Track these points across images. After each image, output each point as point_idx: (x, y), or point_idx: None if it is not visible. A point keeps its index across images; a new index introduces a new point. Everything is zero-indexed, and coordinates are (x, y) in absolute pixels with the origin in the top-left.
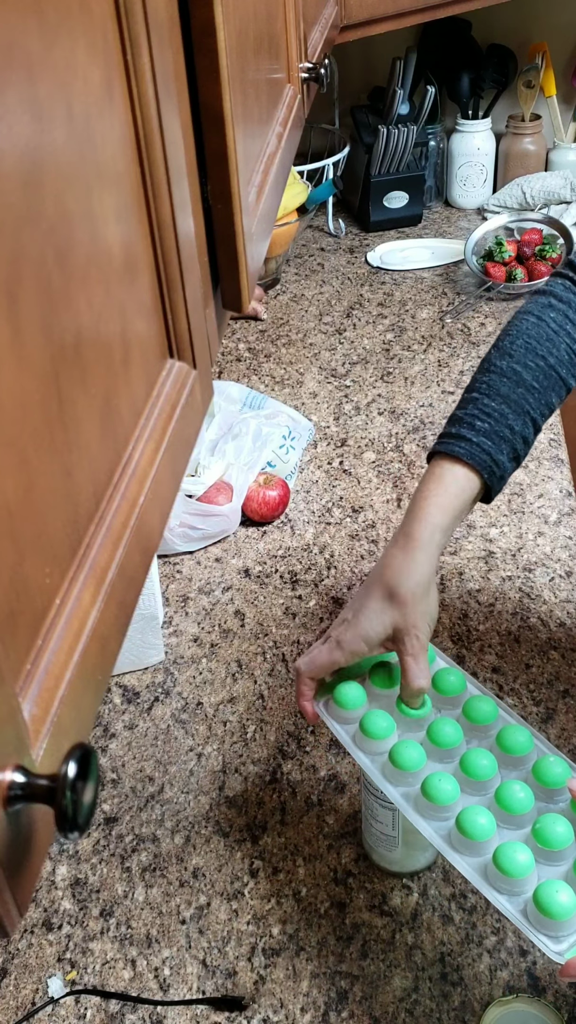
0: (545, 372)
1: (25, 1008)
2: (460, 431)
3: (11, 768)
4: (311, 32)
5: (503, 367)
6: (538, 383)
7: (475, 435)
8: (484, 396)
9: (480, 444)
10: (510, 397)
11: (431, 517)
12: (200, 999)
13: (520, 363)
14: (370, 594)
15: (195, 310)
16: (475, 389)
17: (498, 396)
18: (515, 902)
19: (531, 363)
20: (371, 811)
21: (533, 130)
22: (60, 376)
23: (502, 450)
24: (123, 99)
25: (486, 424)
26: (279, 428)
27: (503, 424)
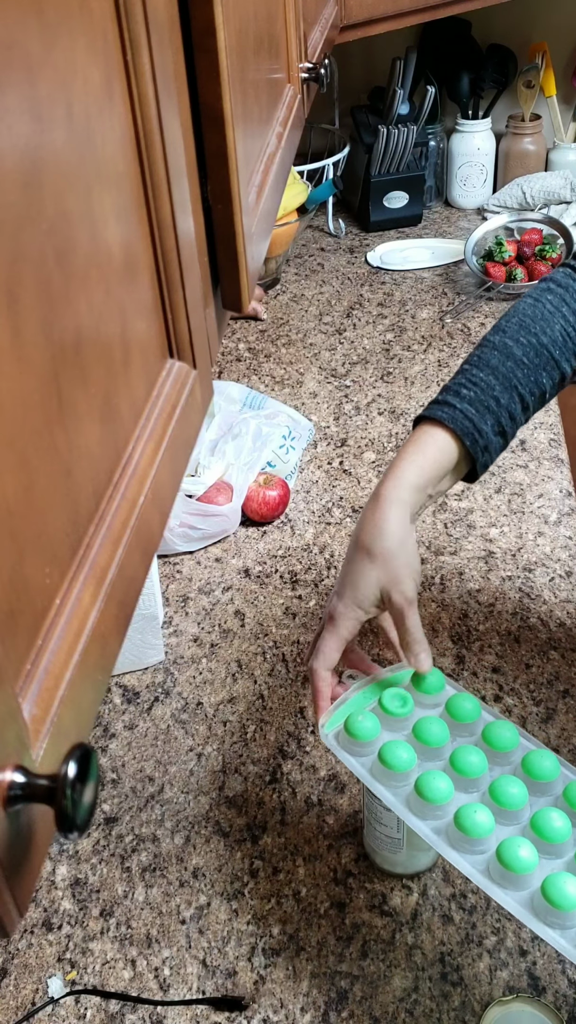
0: (536, 349)
1: (25, 1008)
2: (446, 398)
3: (11, 768)
4: (311, 32)
5: (495, 341)
6: (528, 359)
7: (459, 402)
8: (473, 367)
9: (463, 411)
10: (498, 369)
11: (402, 474)
12: (200, 999)
13: (512, 338)
14: (350, 559)
15: (195, 310)
16: (467, 361)
17: (486, 367)
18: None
19: (523, 339)
20: (374, 815)
21: (533, 130)
22: (60, 376)
23: (485, 420)
24: (123, 99)
25: (471, 392)
26: (279, 428)
27: (488, 394)
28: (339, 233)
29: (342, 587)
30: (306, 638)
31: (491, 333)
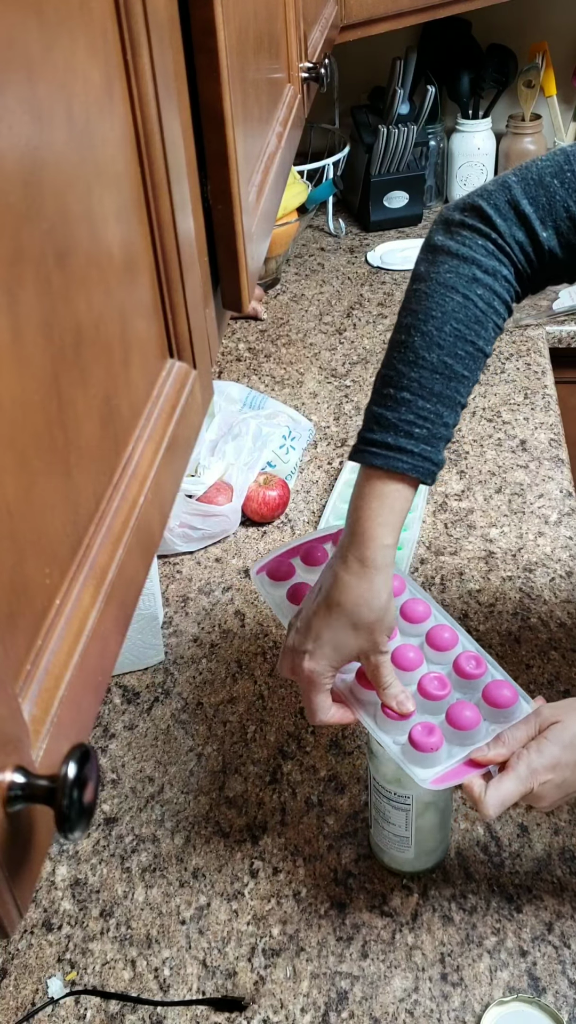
0: (473, 357)
1: (25, 1008)
2: (399, 442)
3: (11, 768)
4: (311, 32)
5: (433, 360)
6: (468, 370)
7: (415, 444)
8: (418, 397)
9: (422, 453)
10: (444, 394)
11: (382, 539)
12: (200, 999)
13: (451, 354)
14: (332, 623)
15: (195, 310)
16: (404, 386)
17: (432, 396)
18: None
19: (461, 351)
20: (382, 814)
21: (533, 130)
22: (60, 376)
23: (439, 449)
24: (123, 99)
25: (424, 430)
26: (279, 428)
27: (439, 424)
28: (339, 233)
29: (316, 647)
30: None
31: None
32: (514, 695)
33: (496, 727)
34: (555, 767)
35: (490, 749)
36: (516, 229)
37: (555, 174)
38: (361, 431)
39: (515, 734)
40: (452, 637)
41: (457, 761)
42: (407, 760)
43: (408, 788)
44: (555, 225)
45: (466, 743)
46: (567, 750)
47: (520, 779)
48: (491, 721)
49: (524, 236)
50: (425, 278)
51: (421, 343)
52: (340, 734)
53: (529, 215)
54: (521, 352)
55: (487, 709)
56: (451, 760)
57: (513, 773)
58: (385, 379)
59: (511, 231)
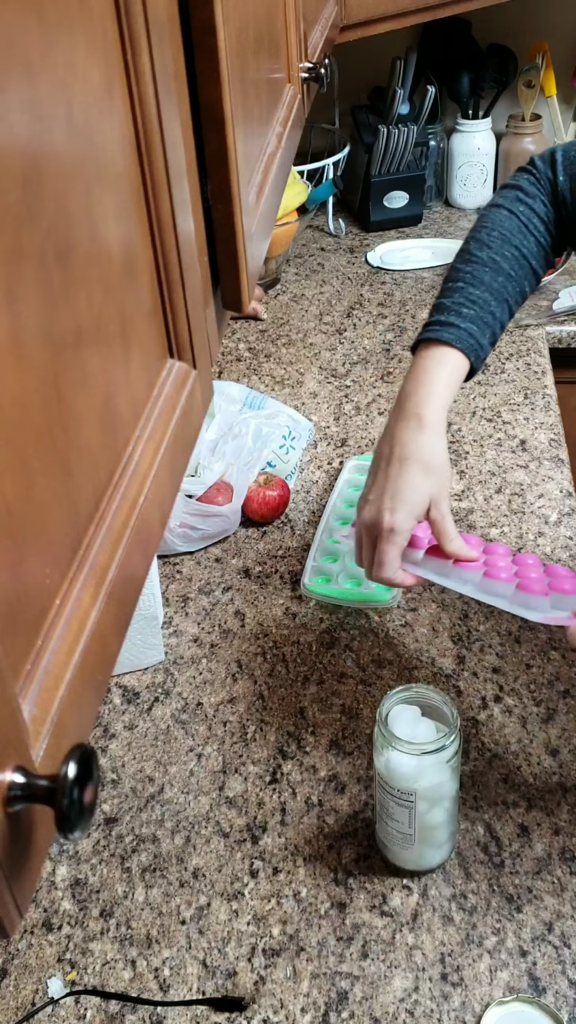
0: (519, 261)
1: (25, 1008)
2: (449, 319)
3: (11, 768)
4: (311, 32)
5: (483, 257)
6: (514, 272)
7: (463, 321)
8: (468, 285)
9: (468, 330)
10: (492, 285)
11: (439, 398)
12: (200, 1000)
13: (498, 253)
14: (405, 474)
15: (195, 310)
16: (458, 279)
17: (481, 284)
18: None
19: (508, 253)
20: (386, 810)
21: (533, 130)
22: (60, 376)
23: (485, 334)
24: (123, 99)
25: (472, 311)
26: (279, 428)
27: (487, 311)
28: (339, 233)
29: (394, 501)
30: (306, 638)
31: (476, 248)
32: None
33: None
34: None
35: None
36: (548, 170)
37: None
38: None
39: None
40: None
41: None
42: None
43: (412, 784)
44: (570, 173)
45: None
46: None
47: None
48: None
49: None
50: (484, 207)
51: (474, 245)
52: (340, 734)
53: (559, 161)
54: (521, 352)
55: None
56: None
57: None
58: (446, 278)
59: (546, 170)
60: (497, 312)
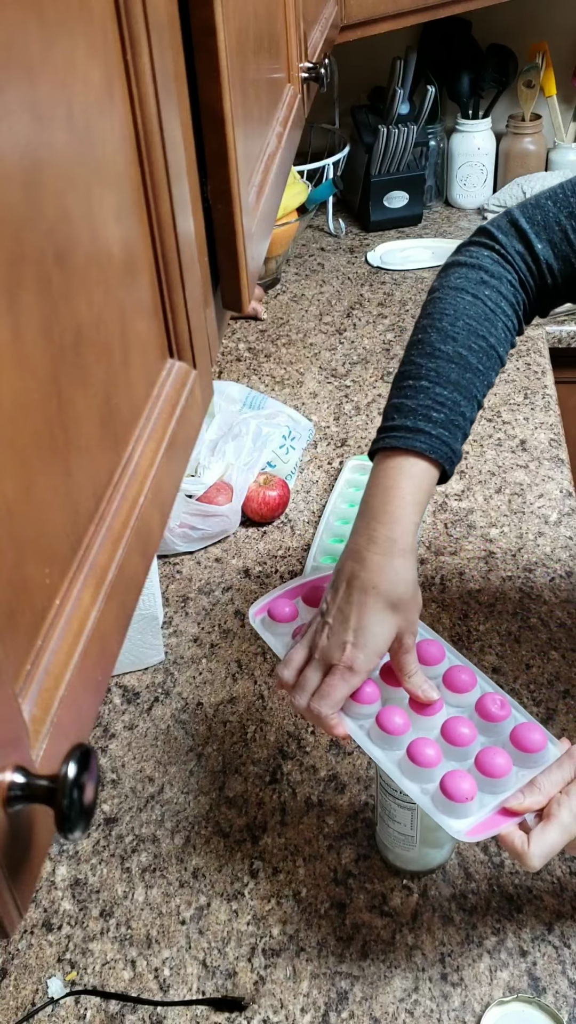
0: (487, 352)
1: (25, 1008)
2: (418, 424)
3: (11, 768)
4: (311, 32)
5: (449, 352)
6: (482, 365)
7: (433, 427)
8: (435, 384)
9: (440, 436)
10: (460, 383)
11: (409, 517)
12: (200, 1000)
13: (464, 346)
14: (369, 607)
15: (195, 310)
16: (423, 376)
17: (449, 384)
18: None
19: (475, 345)
20: (388, 812)
21: (533, 130)
22: (60, 376)
23: (457, 438)
24: (123, 99)
25: (442, 415)
26: (279, 428)
27: (457, 412)
28: (339, 233)
29: (358, 636)
30: None
31: (440, 341)
32: (543, 738)
33: (526, 772)
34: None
35: (526, 796)
36: (515, 242)
37: (549, 196)
38: (380, 426)
39: (551, 779)
40: (470, 679)
41: (491, 810)
42: (439, 810)
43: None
44: (549, 239)
45: (498, 790)
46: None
47: (564, 827)
48: (520, 766)
49: (523, 248)
50: (438, 288)
51: (436, 337)
52: None
53: (526, 230)
54: (521, 352)
55: (515, 753)
56: (484, 809)
57: (556, 821)
58: (403, 374)
59: (511, 243)
60: (467, 412)
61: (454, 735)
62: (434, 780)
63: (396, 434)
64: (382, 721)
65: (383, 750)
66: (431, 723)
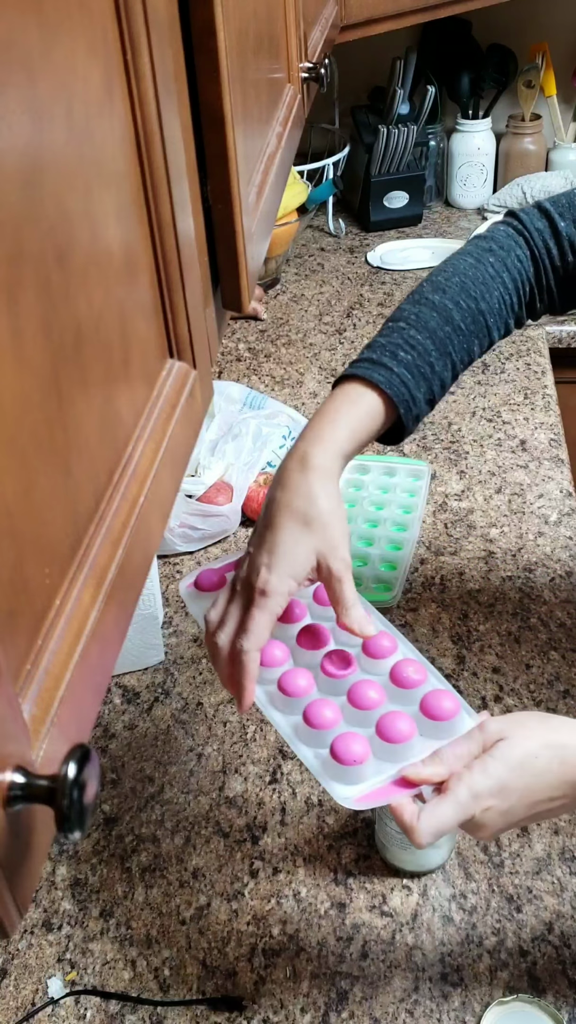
0: (474, 316)
1: (25, 1008)
2: (381, 358)
3: (11, 768)
4: (311, 32)
5: (435, 301)
6: (465, 325)
7: (396, 365)
8: (411, 327)
9: (400, 376)
10: (436, 333)
11: (337, 440)
12: (200, 999)
13: (452, 300)
14: (279, 527)
15: (195, 310)
16: (402, 319)
17: (424, 329)
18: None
19: (463, 303)
20: (387, 812)
21: (533, 130)
22: (60, 376)
23: (420, 387)
24: (123, 99)
25: (408, 356)
26: (279, 428)
27: (425, 360)
28: (339, 233)
29: (271, 557)
30: None
31: (430, 290)
32: (456, 706)
33: (434, 743)
34: (501, 791)
35: (425, 766)
36: (536, 219)
37: (574, 192)
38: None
39: (455, 750)
40: (391, 645)
41: (386, 779)
42: (327, 774)
43: None
44: (573, 218)
45: (398, 759)
46: (515, 772)
47: (459, 804)
48: (428, 736)
49: (544, 225)
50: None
51: (428, 287)
52: None
53: (549, 209)
54: (521, 352)
55: (425, 722)
56: (378, 776)
57: (451, 796)
58: (389, 318)
59: (532, 221)
60: (437, 365)
61: (359, 698)
62: (327, 744)
63: (358, 364)
64: (284, 683)
65: (283, 713)
66: (339, 687)
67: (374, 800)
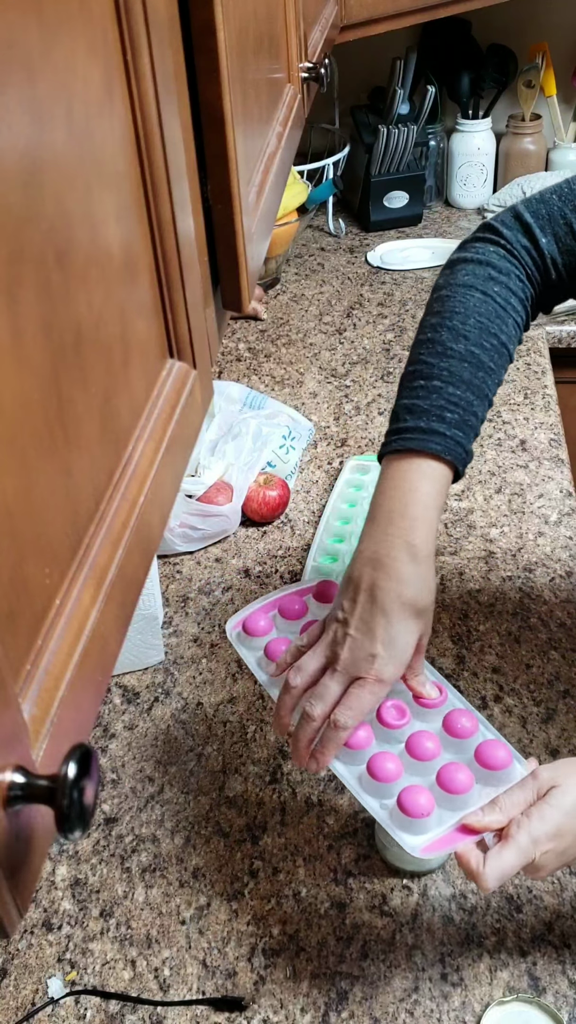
0: (498, 351)
1: (25, 1008)
2: (431, 425)
3: (11, 768)
4: (311, 32)
5: (461, 351)
6: (494, 363)
7: (448, 428)
8: (448, 384)
9: (454, 437)
10: (472, 383)
11: (430, 521)
12: (200, 999)
13: (477, 345)
14: (396, 617)
15: (195, 310)
16: (435, 376)
17: (462, 383)
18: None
19: (487, 343)
20: None
21: (533, 130)
22: (60, 376)
23: (470, 438)
24: (123, 99)
25: (455, 415)
26: (279, 428)
27: (470, 412)
28: (339, 233)
29: (388, 649)
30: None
31: (452, 339)
32: (508, 756)
33: (489, 790)
34: (557, 835)
35: (485, 814)
36: (520, 236)
37: (554, 191)
38: (390, 428)
39: (512, 798)
40: (443, 695)
41: (449, 827)
42: (395, 825)
43: None
44: (554, 232)
45: (458, 807)
46: (569, 816)
47: (521, 850)
48: (484, 784)
49: (528, 242)
50: (445, 285)
51: (448, 336)
52: None
53: (531, 224)
54: (521, 352)
55: (479, 770)
56: (442, 826)
57: (513, 843)
58: (414, 374)
59: (516, 238)
60: (479, 411)
61: (418, 750)
62: (393, 795)
63: (410, 435)
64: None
65: (345, 764)
66: (396, 737)
67: (440, 848)
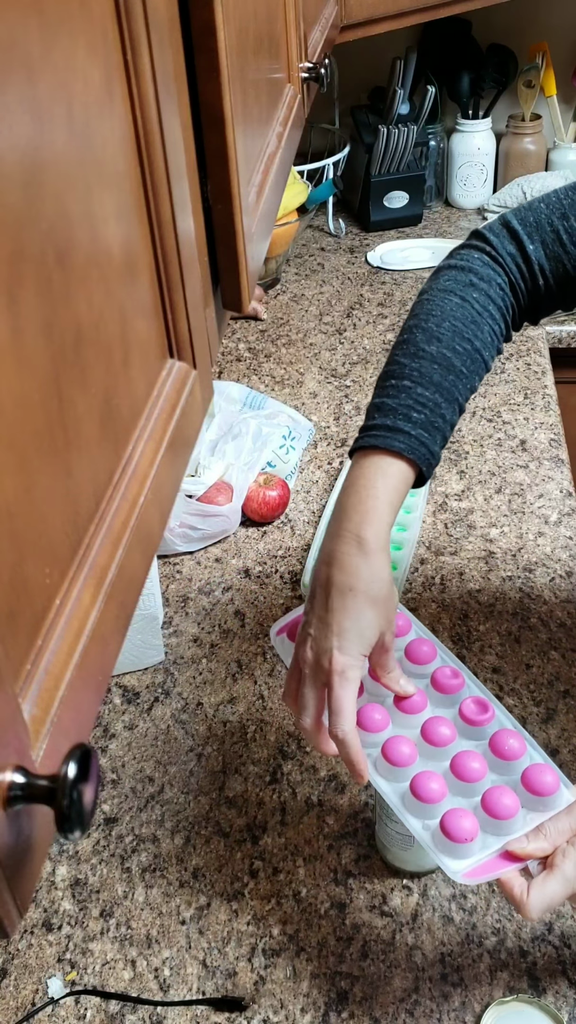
0: (472, 356)
1: (25, 1008)
2: (396, 423)
3: (11, 768)
4: (311, 32)
5: (433, 352)
6: (466, 368)
7: (412, 427)
8: (417, 384)
9: (419, 437)
10: (442, 385)
11: (383, 517)
12: (200, 999)
13: (449, 348)
14: (350, 608)
15: (195, 310)
16: (405, 376)
17: (431, 384)
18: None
19: (459, 347)
20: (387, 812)
21: (533, 130)
22: (60, 376)
23: (436, 440)
24: (123, 99)
25: (422, 415)
26: (279, 428)
27: (437, 414)
28: (339, 233)
29: (341, 640)
30: None
31: (425, 341)
32: (556, 781)
33: (535, 816)
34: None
35: (530, 842)
36: (508, 243)
37: (543, 199)
38: (361, 425)
39: (557, 826)
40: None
41: (492, 853)
42: (437, 848)
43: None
44: (541, 239)
45: (502, 833)
46: None
47: (567, 880)
48: (530, 809)
49: (515, 249)
50: (427, 290)
51: (422, 337)
52: None
53: (518, 230)
54: (521, 352)
55: (525, 795)
56: (485, 851)
57: (559, 873)
58: (387, 374)
59: (503, 245)
60: (447, 414)
61: (464, 770)
62: (436, 816)
63: (375, 433)
64: (388, 751)
65: (388, 781)
66: (441, 754)
67: (481, 875)
